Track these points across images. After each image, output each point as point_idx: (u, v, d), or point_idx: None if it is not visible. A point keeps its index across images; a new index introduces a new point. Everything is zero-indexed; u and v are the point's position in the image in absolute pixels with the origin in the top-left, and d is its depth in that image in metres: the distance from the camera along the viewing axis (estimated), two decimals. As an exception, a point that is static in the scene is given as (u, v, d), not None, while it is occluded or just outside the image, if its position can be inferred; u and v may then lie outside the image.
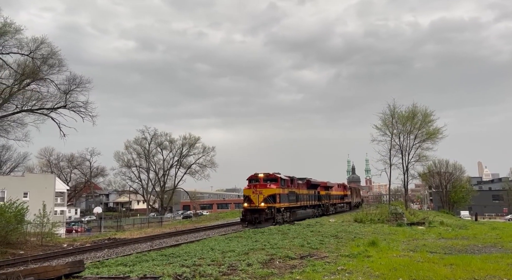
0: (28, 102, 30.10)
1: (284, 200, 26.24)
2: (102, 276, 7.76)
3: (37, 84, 31.13)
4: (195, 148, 71.13)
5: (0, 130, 28.92)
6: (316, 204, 33.86)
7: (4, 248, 19.67)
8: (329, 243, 14.88)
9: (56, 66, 31.65)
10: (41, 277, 7.07)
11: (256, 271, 9.43)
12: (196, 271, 8.97)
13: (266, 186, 25.26)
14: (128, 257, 11.15)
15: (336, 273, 9.56)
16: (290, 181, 28.02)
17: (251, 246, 13.21)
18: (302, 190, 30.51)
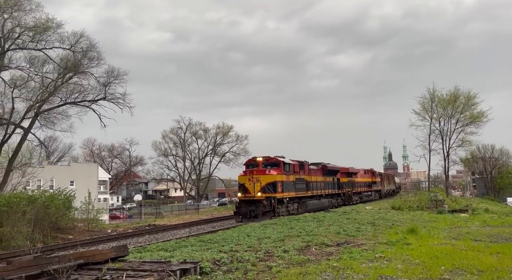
0: (71, 95, 31.52)
1: (289, 188, 22.16)
2: (145, 260, 8.12)
3: (79, 77, 32.40)
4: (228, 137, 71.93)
5: (47, 122, 30.52)
6: (334, 192, 29.89)
7: (55, 233, 21.01)
8: (366, 230, 14.69)
9: (95, 60, 32.75)
10: (89, 260, 7.52)
11: (292, 258, 9.50)
12: (233, 257, 9.18)
13: (264, 172, 21.11)
14: (168, 242, 11.59)
15: (374, 260, 9.44)
16: (298, 166, 23.92)
17: (287, 233, 13.30)
18: (315, 176, 26.58)
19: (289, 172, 22.55)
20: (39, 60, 30.65)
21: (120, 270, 7.18)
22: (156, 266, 7.47)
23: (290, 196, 22.26)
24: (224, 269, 8.10)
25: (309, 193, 24.87)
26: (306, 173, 25.06)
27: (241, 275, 7.68)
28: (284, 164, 22.30)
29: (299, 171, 23.84)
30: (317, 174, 27.31)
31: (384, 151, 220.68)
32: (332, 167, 30.17)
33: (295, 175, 23.12)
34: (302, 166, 24.65)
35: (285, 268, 8.50)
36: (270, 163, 22.00)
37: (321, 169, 28.48)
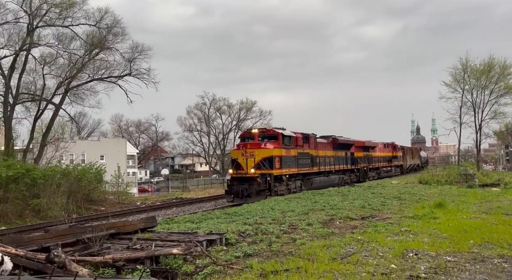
0: (98, 71, 32.10)
1: (289, 164, 19.72)
2: (172, 231, 8.40)
3: (104, 53, 32.81)
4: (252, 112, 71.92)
5: (77, 98, 31.41)
6: (347, 168, 27.52)
7: (88, 205, 22.05)
8: (392, 204, 14.55)
9: (120, 35, 32.96)
10: (120, 230, 7.86)
11: (316, 231, 9.58)
12: (258, 229, 9.35)
13: (259, 146, 18.67)
14: (195, 215, 11.90)
15: (400, 234, 9.38)
16: (301, 139, 21.25)
17: (311, 206, 13.36)
18: (324, 151, 24.07)
19: (290, 145, 19.96)
20: (66, 37, 31.17)
21: (149, 240, 7.46)
22: (183, 237, 7.71)
23: (290, 173, 19.81)
24: (248, 240, 8.28)
25: (315, 169, 22.24)
26: (312, 146, 22.33)
27: (265, 246, 7.82)
28: (283, 136, 19.59)
29: (302, 144, 21.19)
30: (326, 148, 24.80)
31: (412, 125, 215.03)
32: (344, 140, 27.58)
33: (297, 149, 20.51)
34: (307, 139, 21.87)
35: (309, 240, 8.59)
36: (267, 136, 19.46)
37: (331, 142, 25.77)
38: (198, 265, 6.30)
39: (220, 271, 6.15)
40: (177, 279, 5.67)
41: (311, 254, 7.32)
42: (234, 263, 6.58)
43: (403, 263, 6.83)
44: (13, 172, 19.75)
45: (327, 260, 6.80)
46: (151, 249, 6.35)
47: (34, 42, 29.16)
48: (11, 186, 19.43)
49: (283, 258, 7.08)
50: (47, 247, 6.31)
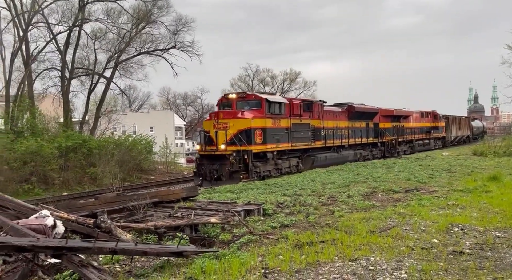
0: (144, 45, 32.91)
1: (278, 138, 15.96)
2: (212, 201, 8.68)
3: (150, 27, 33.42)
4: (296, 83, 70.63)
5: (126, 72, 32.60)
6: (367, 142, 23.51)
7: (139, 174, 23.38)
8: (440, 177, 13.91)
9: (164, 8, 33.32)
10: (163, 198, 8.26)
11: (356, 203, 9.44)
12: (296, 200, 9.38)
13: (235, 115, 14.96)
14: (236, 185, 12.17)
15: (446, 208, 9.00)
16: (299, 106, 17.26)
17: (353, 178, 13.13)
18: (334, 121, 20.28)
19: (280, 114, 16.15)
20: (114, 12, 32.10)
21: (190, 208, 7.78)
22: (222, 207, 7.94)
23: (280, 149, 16.16)
24: (286, 211, 8.34)
25: (318, 143, 18.61)
26: (315, 116, 18.52)
27: (302, 218, 7.86)
28: (269, 103, 15.60)
29: (301, 113, 17.29)
30: (338, 118, 20.82)
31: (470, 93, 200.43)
32: (363, 108, 23.31)
33: (292, 119, 16.73)
34: (308, 107, 18.06)
35: (348, 213, 8.50)
36: (249, 102, 15.78)
37: (346, 111, 21.59)
38: (235, 234, 6.49)
39: (256, 240, 6.30)
40: (214, 246, 5.89)
41: (349, 226, 7.26)
42: (270, 233, 6.70)
43: (446, 238, 6.57)
44: (71, 142, 21.33)
45: (365, 233, 6.71)
46: (190, 218, 6.63)
47: (85, 18, 30.32)
48: (70, 155, 21.05)
49: (320, 230, 7.09)
50: (96, 213, 6.80)
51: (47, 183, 19.30)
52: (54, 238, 4.85)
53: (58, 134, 22.89)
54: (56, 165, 19.64)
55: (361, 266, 5.12)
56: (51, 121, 26.09)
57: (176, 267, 4.97)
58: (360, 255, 5.57)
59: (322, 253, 5.59)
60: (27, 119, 23.75)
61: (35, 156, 19.14)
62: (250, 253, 5.67)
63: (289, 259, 5.37)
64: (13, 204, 5.28)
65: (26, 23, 27.03)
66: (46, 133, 23.17)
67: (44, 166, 19.19)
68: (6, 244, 3.47)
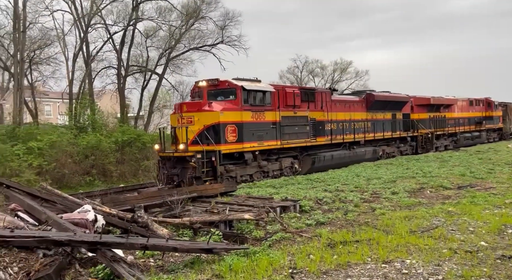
0: (193, 41, 33.77)
1: (261, 134, 12.98)
2: (250, 196, 8.77)
3: (199, 23, 34.17)
4: (347, 73, 68.30)
5: (176, 68, 33.76)
6: (393, 136, 19.97)
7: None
8: (501, 172, 12.82)
9: (212, 4, 33.87)
10: (202, 193, 8.50)
11: (401, 200, 9.03)
12: (337, 197, 9.18)
13: (200, 107, 12.04)
14: (277, 180, 12.17)
15: (502, 207, 8.30)
16: (293, 96, 14.08)
17: (401, 173, 12.54)
18: (346, 113, 17.11)
19: (263, 105, 13.10)
20: (165, 9, 33.30)
21: (227, 204, 7.92)
22: (259, 202, 7.99)
23: (264, 147, 13.08)
24: (325, 208, 8.20)
25: (321, 139, 15.39)
26: (318, 107, 15.45)
27: (340, 215, 7.68)
28: (247, 91, 12.56)
29: (296, 104, 14.19)
30: (353, 109, 17.58)
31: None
32: (387, 97, 19.85)
33: (281, 111, 13.65)
34: (308, 96, 14.98)
35: (390, 210, 8.16)
36: (222, 91, 12.76)
37: (364, 100, 18.31)
38: (268, 231, 6.51)
39: (289, 238, 6.27)
40: (247, 243, 5.96)
41: (389, 225, 6.97)
42: (304, 231, 6.63)
43: (496, 240, 6.07)
44: (127, 137, 22.61)
45: (405, 233, 6.40)
46: (224, 214, 6.75)
47: (139, 17, 31.81)
48: (126, 149, 22.34)
49: (357, 228, 6.89)
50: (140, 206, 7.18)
51: (106, 175, 20.68)
52: (95, 232, 5.21)
53: (115, 129, 24.36)
54: (113, 158, 20.95)
55: (394, 269, 4.90)
56: (109, 117, 27.84)
57: (207, 264, 5.10)
58: (395, 257, 5.33)
59: (355, 254, 5.43)
60: (88, 115, 25.54)
61: (95, 150, 20.57)
62: (281, 251, 5.66)
63: (320, 259, 5.28)
64: (60, 199, 5.75)
65: (86, 25, 28.95)
66: (105, 129, 24.76)
67: (102, 159, 20.56)
68: (45, 238, 3.80)
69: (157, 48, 33.37)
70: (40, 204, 5.27)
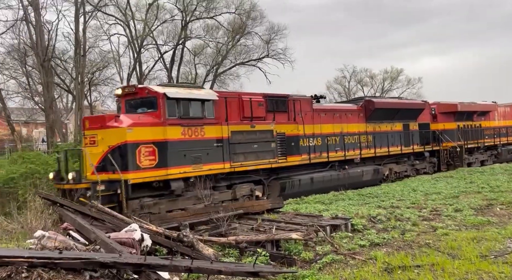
0: (239, 56, 34.34)
1: (203, 155, 10.12)
2: (298, 213, 8.42)
3: (245, 38, 34.73)
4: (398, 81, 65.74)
5: (223, 83, 34.43)
6: (405, 151, 16.47)
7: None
8: None
9: (258, 19, 34.40)
10: (248, 210, 8.29)
11: (466, 218, 8.19)
12: (392, 214, 8.54)
13: (104, 123, 9.36)
14: (326, 195, 11.67)
15: None
16: (249, 104, 11.43)
17: (463, 188, 11.51)
18: (335, 124, 14.07)
19: (202, 118, 10.21)
20: (211, 27, 34.32)
21: (274, 221, 7.63)
22: (307, 220, 7.61)
23: (203, 173, 9.97)
24: (379, 227, 7.63)
25: (293, 159, 12.34)
26: (291, 119, 12.61)
27: (397, 235, 7.08)
28: (175, 101, 9.82)
29: (257, 115, 11.54)
30: (346, 120, 14.51)
31: None
32: (393, 103, 16.88)
33: (232, 124, 10.89)
34: (276, 105, 12.26)
35: (454, 230, 7.41)
36: (140, 100, 10.18)
37: (362, 109, 15.27)
38: (318, 253, 6.12)
39: (341, 260, 5.84)
40: (295, 266, 5.62)
41: (455, 247, 6.29)
42: (357, 253, 6.15)
43: None
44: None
45: (474, 258, 5.71)
46: (271, 233, 6.48)
47: (187, 36, 33.06)
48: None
49: (417, 251, 6.28)
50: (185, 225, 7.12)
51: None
52: (142, 252, 5.17)
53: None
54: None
55: (465, 303, 4.31)
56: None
57: (253, 287, 4.84)
58: (465, 287, 4.72)
59: (417, 281, 4.90)
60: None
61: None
62: (332, 276, 5.26)
63: (376, 286, 4.82)
64: (109, 217, 5.83)
65: (139, 46, 30.56)
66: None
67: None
68: (91, 260, 3.79)
69: (205, 64, 34.43)
70: (90, 223, 5.37)
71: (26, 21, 22.66)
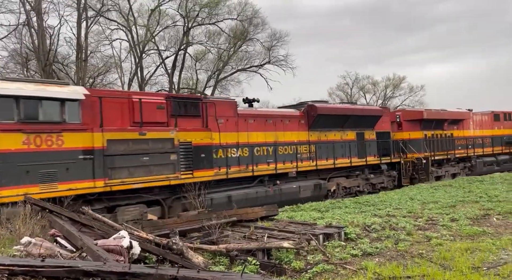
0: (240, 62, 34.47)
1: (57, 172, 8.15)
2: (292, 221, 8.36)
3: (246, 44, 34.89)
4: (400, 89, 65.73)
5: (223, 89, 34.52)
6: (352, 164, 14.52)
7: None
8: None
9: (259, 25, 34.59)
10: (242, 217, 8.25)
11: (461, 228, 8.11)
12: (387, 223, 8.47)
13: None
14: (323, 202, 11.61)
15: None
16: (140, 105, 9.47)
17: (461, 197, 11.42)
18: (267, 132, 12.49)
19: (59, 122, 8.39)
20: (213, 33, 34.49)
21: (267, 229, 7.58)
22: (301, 228, 7.55)
23: (57, 193, 8.12)
24: (373, 236, 7.56)
25: (203, 174, 10.36)
26: (204, 125, 10.77)
27: (391, 245, 7.01)
28: (14, 99, 7.93)
29: (154, 120, 9.81)
30: (282, 127, 12.88)
31: None
32: (341, 109, 14.69)
33: (106, 131, 8.86)
34: (183, 108, 10.44)
35: (449, 240, 7.33)
36: None
37: (304, 115, 13.53)
38: (309, 262, 6.06)
39: (331, 270, 5.77)
40: (285, 275, 5.56)
41: (448, 258, 6.21)
42: (348, 263, 6.09)
43: None
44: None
45: (466, 269, 5.63)
46: (262, 241, 6.42)
47: (189, 42, 33.23)
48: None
49: (409, 261, 6.21)
50: (178, 232, 7.09)
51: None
52: (130, 259, 5.13)
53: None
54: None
55: (453, 316, 4.25)
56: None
57: (240, 297, 4.78)
58: (454, 299, 4.65)
59: (406, 293, 4.83)
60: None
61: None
62: (322, 286, 5.20)
63: (365, 297, 4.75)
64: (98, 224, 5.81)
65: (140, 51, 30.73)
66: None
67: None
68: (74, 269, 3.76)
69: (206, 70, 34.59)
70: (79, 229, 5.34)
71: (28, 25, 22.88)
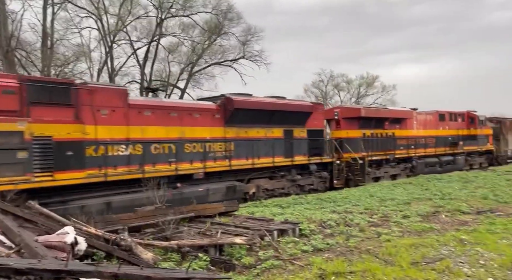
0: (214, 56, 34.21)
1: None
2: (250, 217, 8.46)
3: (221, 38, 34.63)
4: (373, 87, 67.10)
5: (197, 83, 34.21)
6: (275, 164, 13.11)
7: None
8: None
9: (235, 20, 34.37)
10: (200, 213, 8.26)
11: (411, 225, 8.46)
12: (344, 219, 8.71)
13: None
14: (285, 198, 11.79)
15: (525, 236, 7.57)
16: None
17: (417, 194, 11.88)
18: (169, 127, 10.74)
19: None
20: (187, 26, 34.03)
21: (224, 225, 7.64)
22: (258, 224, 7.66)
23: None
24: (327, 232, 7.77)
25: (68, 176, 8.70)
26: (75, 117, 9.04)
27: (342, 241, 7.22)
28: None
29: None
30: (192, 122, 11.20)
31: None
32: (262, 103, 12.98)
33: None
34: (45, 94, 8.60)
35: (397, 236, 7.62)
36: None
37: (221, 109, 11.90)
38: (260, 258, 6.17)
39: (280, 266, 5.90)
40: (234, 271, 5.64)
41: (392, 254, 6.47)
42: (298, 258, 6.24)
43: (508, 277, 5.47)
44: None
45: (406, 264, 5.89)
46: (215, 237, 6.48)
47: (162, 33, 32.64)
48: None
49: (357, 257, 6.42)
50: (133, 227, 7.04)
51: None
52: (75, 256, 5.06)
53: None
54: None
55: (385, 309, 4.45)
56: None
57: (185, 293, 4.82)
58: (389, 293, 4.87)
59: (346, 288, 5.01)
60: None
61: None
62: (267, 281, 5.32)
63: (306, 292, 4.90)
64: (42, 219, 5.69)
65: (111, 41, 29.94)
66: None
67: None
68: (4, 266, 3.68)
69: (179, 63, 34.12)
70: (20, 225, 5.21)
71: (-11, 10, 21.80)
